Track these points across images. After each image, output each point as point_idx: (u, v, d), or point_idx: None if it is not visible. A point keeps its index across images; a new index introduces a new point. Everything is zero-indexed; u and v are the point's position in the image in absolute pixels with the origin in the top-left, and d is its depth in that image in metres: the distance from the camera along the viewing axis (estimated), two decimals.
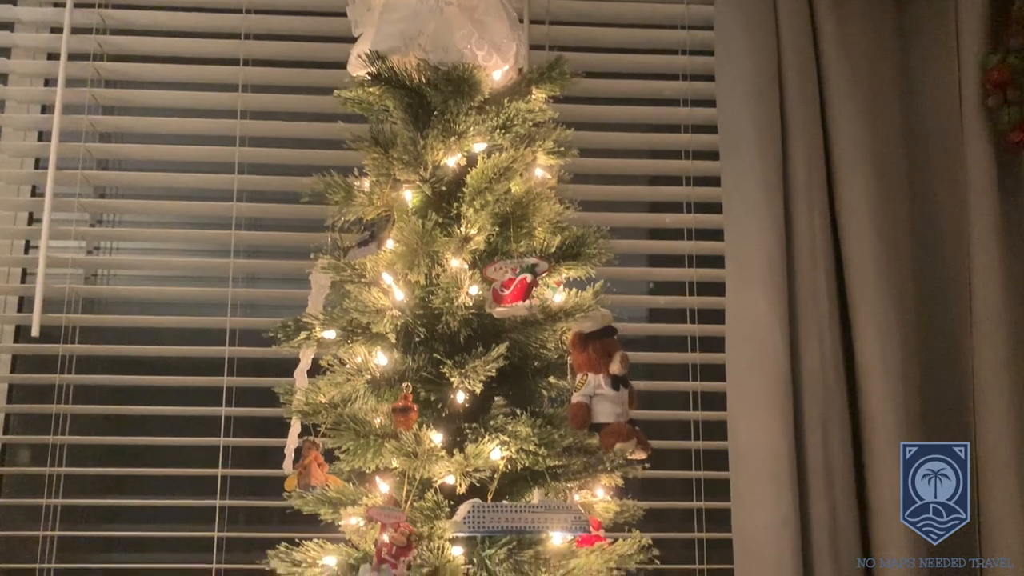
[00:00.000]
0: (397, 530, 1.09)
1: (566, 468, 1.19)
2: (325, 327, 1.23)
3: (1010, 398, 1.72)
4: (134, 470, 1.89)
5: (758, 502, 1.71)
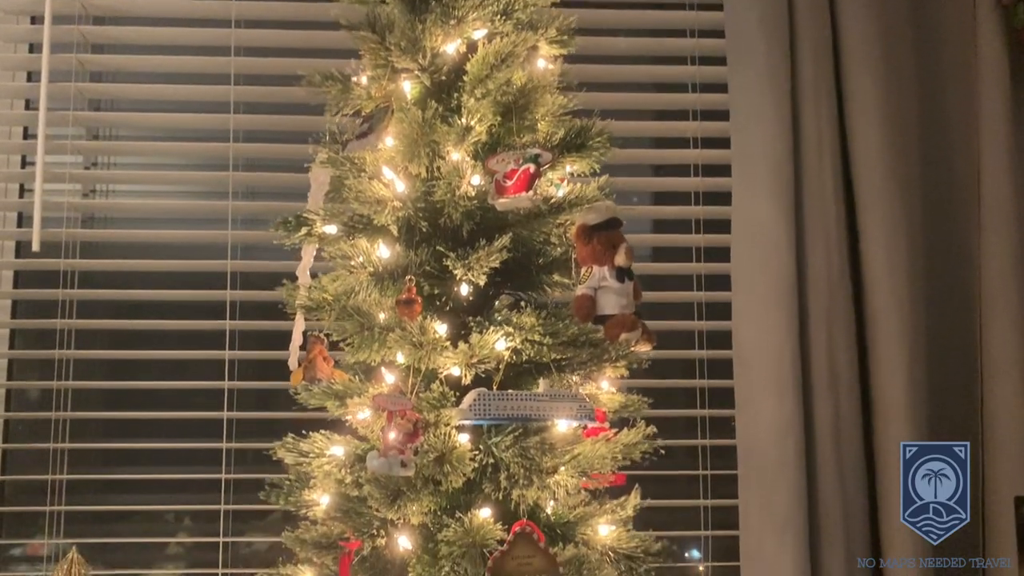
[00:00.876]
0: (404, 417, 1.09)
1: (571, 360, 1.18)
2: (326, 222, 1.21)
3: (1018, 296, 1.72)
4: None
5: (762, 405, 1.72)
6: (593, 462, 1.14)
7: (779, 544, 1.68)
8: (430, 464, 1.08)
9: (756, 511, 1.72)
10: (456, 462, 1.09)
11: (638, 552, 1.15)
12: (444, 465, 1.08)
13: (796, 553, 1.68)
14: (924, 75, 1.84)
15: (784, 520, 1.68)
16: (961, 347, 1.80)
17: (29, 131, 1.97)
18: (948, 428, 1.76)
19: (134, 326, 1.93)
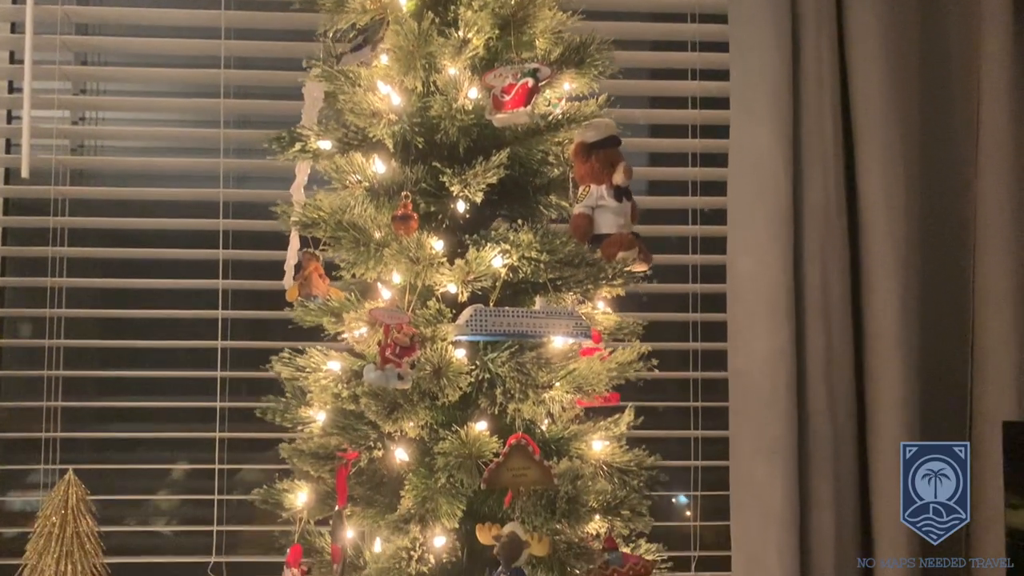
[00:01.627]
0: (400, 331, 1.09)
1: (567, 279, 1.18)
2: (320, 137, 1.20)
3: (1012, 228, 1.72)
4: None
5: (755, 335, 1.73)
6: (588, 378, 1.15)
7: (769, 471, 1.71)
8: (427, 377, 1.08)
9: (747, 439, 1.74)
10: (452, 376, 1.09)
11: (631, 465, 1.17)
12: (440, 379, 1.09)
13: (786, 479, 1.70)
14: (925, 7, 1.81)
15: (774, 447, 1.71)
16: (954, 279, 1.81)
17: (16, 56, 1.93)
18: (938, 359, 1.79)
19: (127, 254, 1.92)
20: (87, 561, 1.58)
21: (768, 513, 1.70)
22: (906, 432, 1.70)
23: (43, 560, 1.56)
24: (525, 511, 1.09)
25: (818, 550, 1.72)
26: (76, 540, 1.57)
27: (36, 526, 1.58)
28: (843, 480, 1.74)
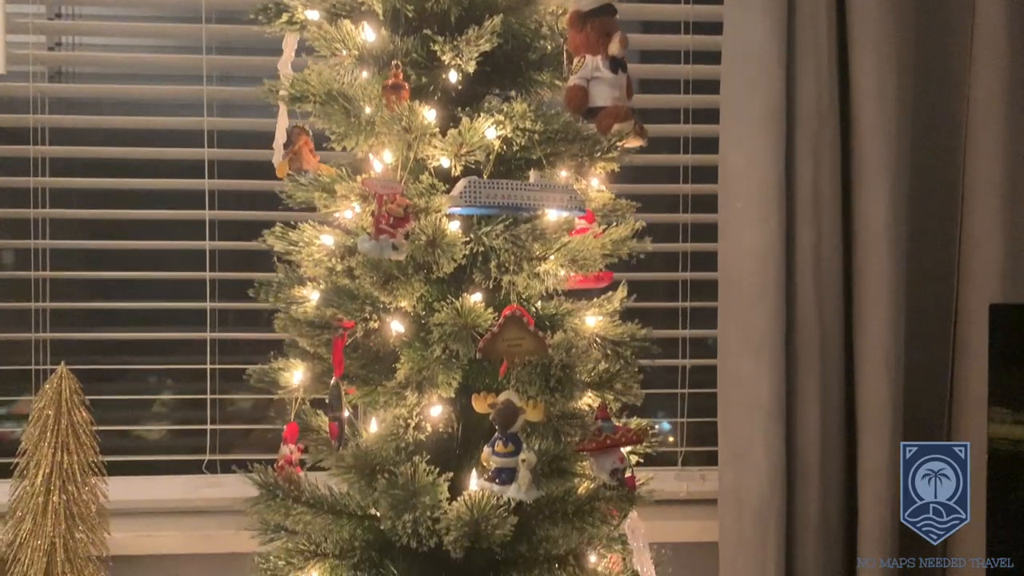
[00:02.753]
0: (394, 201, 1.08)
1: (561, 154, 1.17)
2: (308, 7, 1.16)
3: (1004, 126, 1.72)
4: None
5: (744, 229, 1.73)
6: (583, 252, 1.15)
7: (756, 367, 1.74)
8: (421, 248, 1.08)
9: (734, 336, 1.76)
10: (447, 246, 1.09)
11: (624, 337, 1.18)
12: (435, 249, 1.08)
13: (773, 376, 1.73)
14: None
15: (761, 343, 1.73)
16: (944, 179, 1.81)
17: None
18: (927, 252, 1.80)
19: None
20: (83, 453, 1.59)
21: (754, 407, 1.73)
22: (892, 327, 1.74)
23: (39, 451, 1.57)
24: (520, 380, 1.10)
25: (804, 444, 1.76)
26: (71, 432, 1.58)
27: (31, 418, 1.59)
28: (829, 376, 1.77)
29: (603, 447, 1.16)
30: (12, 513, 1.57)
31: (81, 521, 1.59)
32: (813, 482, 1.74)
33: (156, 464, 1.92)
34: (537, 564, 1.15)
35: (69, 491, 1.56)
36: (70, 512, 1.57)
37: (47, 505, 1.55)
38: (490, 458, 1.13)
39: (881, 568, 1.70)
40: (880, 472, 1.72)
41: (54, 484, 1.56)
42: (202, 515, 1.88)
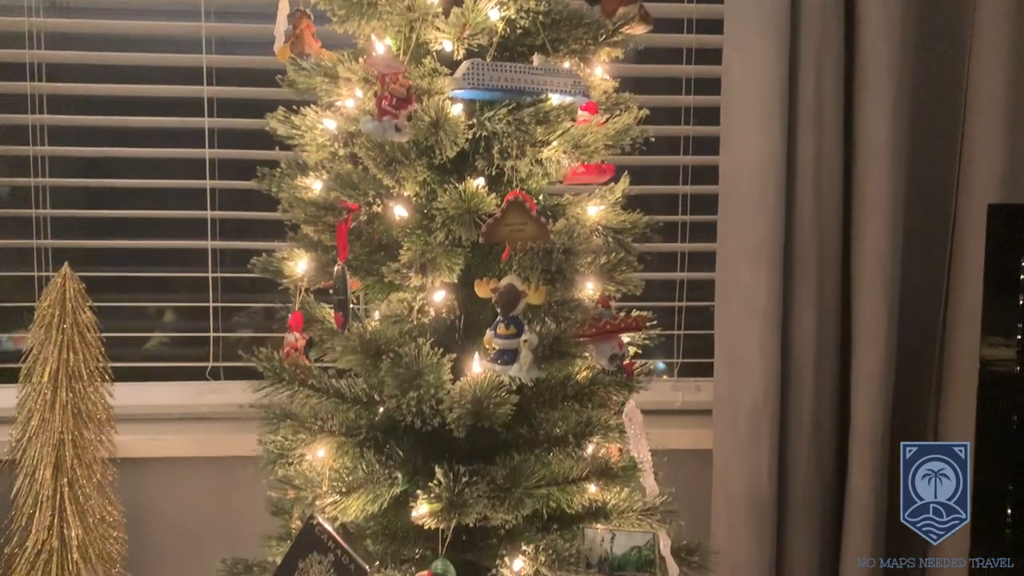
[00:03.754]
0: (396, 82, 1.08)
1: (565, 39, 1.16)
2: None
3: (1007, 35, 1.70)
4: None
5: (746, 137, 1.73)
6: (586, 138, 1.15)
7: (754, 272, 1.75)
8: (424, 130, 1.08)
9: (734, 242, 1.77)
10: (450, 129, 1.09)
11: (626, 224, 1.19)
12: (438, 132, 1.08)
13: (771, 282, 1.75)
14: None
15: (760, 250, 1.74)
16: (947, 87, 1.80)
17: None
18: (928, 162, 1.81)
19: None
20: (89, 353, 1.61)
21: (752, 312, 1.75)
22: (890, 236, 1.75)
23: (45, 349, 1.58)
24: (522, 265, 1.11)
25: (799, 350, 1.79)
26: (76, 331, 1.59)
27: (35, 319, 1.60)
28: (826, 283, 1.78)
29: (603, 333, 1.17)
30: (20, 410, 1.60)
31: (88, 420, 1.62)
32: (807, 387, 1.78)
33: (160, 373, 1.95)
34: (537, 445, 1.18)
35: (76, 389, 1.59)
36: (77, 410, 1.60)
37: (54, 403, 1.58)
38: (492, 340, 1.15)
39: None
40: (874, 377, 1.75)
41: (60, 382, 1.58)
42: (206, 421, 1.91)
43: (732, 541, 1.77)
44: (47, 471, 1.57)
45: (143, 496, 1.83)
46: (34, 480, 1.57)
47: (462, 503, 1.09)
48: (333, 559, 1.14)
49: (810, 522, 1.80)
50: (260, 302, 1.97)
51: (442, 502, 1.09)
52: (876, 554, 1.79)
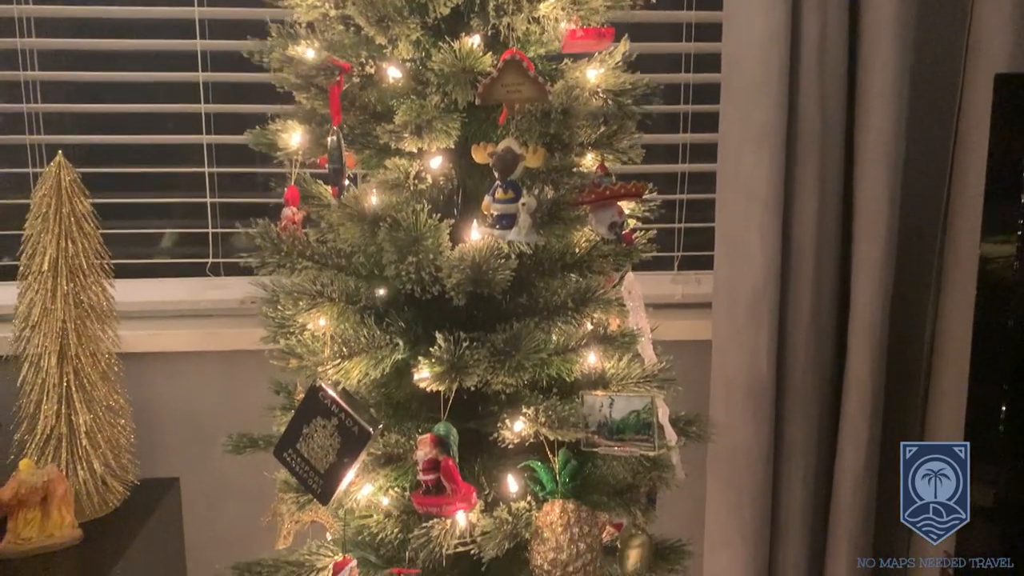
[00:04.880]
0: None
1: None
2: None
3: None
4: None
5: (749, 17, 1.69)
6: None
7: (756, 159, 1.73)
8: None
9: (736, 127, 1.74)
10: None
11: (626, 86, 1.16)
12: None
13: (772, 167, 1.73)
14: None
15: (762, 134, 1.72)
16: None
17: None
18: (933, 44, 1.77)
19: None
20: (88, 243, 1.60)
21: (753, 196, 1.74)
22: (894, 120, 1.72)
23: (43, 239, 1.58)
24: (520, 128, 1.10)
25: (800, 237, 1.78)
26: (74, 220, 1.58)
27: (31, 210, 1.59)
28: (828, 169, 1.77)
29: (602, 199, 1.16)
30: (21, 300, 1.60)
31: (90, 310, 1.62)
32: (807, 275, 1.78)
33: (161, 272, 1.95)
34: (537, 313, 1.18)
35: (77, 279, 1.59)
36: (79, 300, 1.60)
37: (56, 292, 1.58)
38: (491, 206, 1.14)
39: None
40: (875, 265, 1.75)
41: (60, 271, 1.58)
42: (208, 318, 1.92)
43: (730, 426, 1.80)
44: (52, 359, 1.58)
45: (148, 390, 1.86)
46: (39, 369, 1.58)
47: (463, 365, 1.10)
48: (337, 423, 1.15)
49: (808, 409, 1.82)
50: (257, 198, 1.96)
51: (443, 365, 1.10)
52: (872, 446, 1.82)
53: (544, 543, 1.14)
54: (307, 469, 1.17)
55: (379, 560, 1.27)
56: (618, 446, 1.20)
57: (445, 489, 1.14)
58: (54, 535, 1.50)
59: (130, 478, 1.69)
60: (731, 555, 1.81)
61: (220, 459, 1.90)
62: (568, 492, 1.18)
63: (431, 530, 1.12)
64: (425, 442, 1.14)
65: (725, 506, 1.81)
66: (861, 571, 1.84)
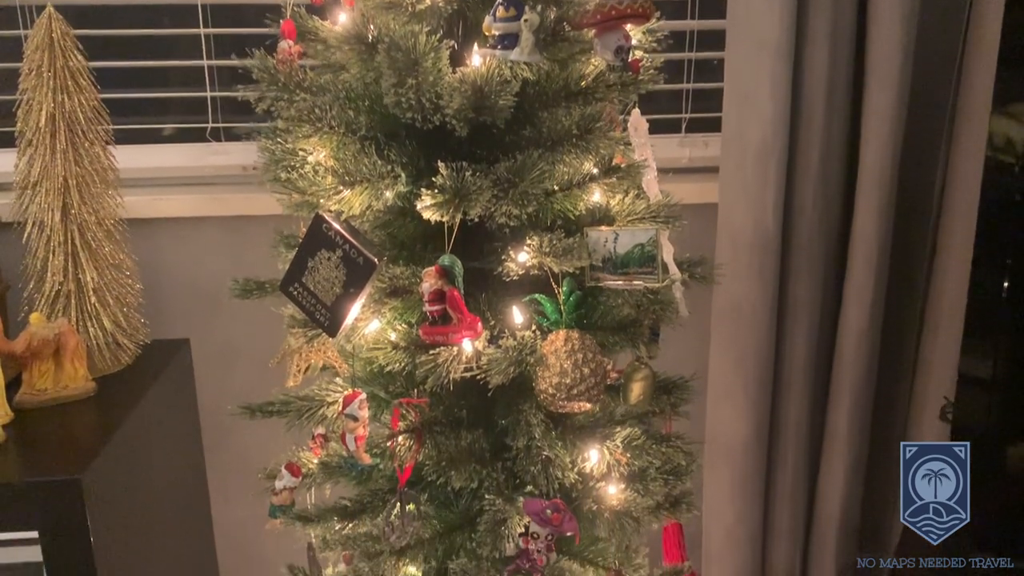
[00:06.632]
0: None
1: None
2: None
3: None
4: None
5: None
6: None
7: (768, 6, 1.67)
8: None
9: None
10: None
11: None
12: None
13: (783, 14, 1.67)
14: None
15: None
16: None
17: None
18: None
19: None
20: (84, 97, 1.58)
21: (763, 47, 1.69)
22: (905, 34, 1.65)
23: (38, 95, 1.55)
24: None
25: (811, 87, 1.74)
26: (68, 74, 1.55)
27: (23, 67, 1.56)
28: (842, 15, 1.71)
29: (608, 19, 1.12)
30: (21, 159, 1.59)
31: (91, 170, 1.60)
32: (817, 127, 1.74)
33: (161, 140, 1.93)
34: (541, 144, 1.16)
35: (75, 132, 1.57)
36: (79, 156, 1.58)
37: (55, 148, 1.56)
38: (492, 26, 1.10)
39: None
40: (886, 116, 1.72)
41: (59, 127, 1.56)
42: (211, 185, 1.91)
43: (735, 281, 1.80)
44: (55, 216, 1.58)
45: (154, 256, 1.87)
46: (43, 227, 1.59)
47: (466, 192, 1.09)
48: (342, 254, 1.15)
49: (813, 266, 1.82)
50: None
51: (447, 193, 1.09)
52: (876, 303, 1.82)
53: (549, 369, 1.15)
54: (314, 302, 1.18)
55: (388, 396, 1.30)
56: (623, 279, 1.20)
57: (451, 319, 1.15)
58: (68, 387, 1.54)
59: (140, 338, 1.71)
60: (733, 408, 1.84)
61: (228, 324, 1.93)
62: (572, 322, 1.19)
63: (438, 356, 1.13)
64: (430, 273, 1.14)
65: (728, 361, 1.83)
66: (861, 425, 1.88)
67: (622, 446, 1.26)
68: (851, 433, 1.86)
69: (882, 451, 1.95)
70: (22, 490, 1.28)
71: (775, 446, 1.90)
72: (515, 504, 1.22)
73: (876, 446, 1.94)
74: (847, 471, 1.87)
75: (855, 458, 1.88)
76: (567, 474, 1.20)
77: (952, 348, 1.74)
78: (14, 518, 1.30)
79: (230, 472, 2.00)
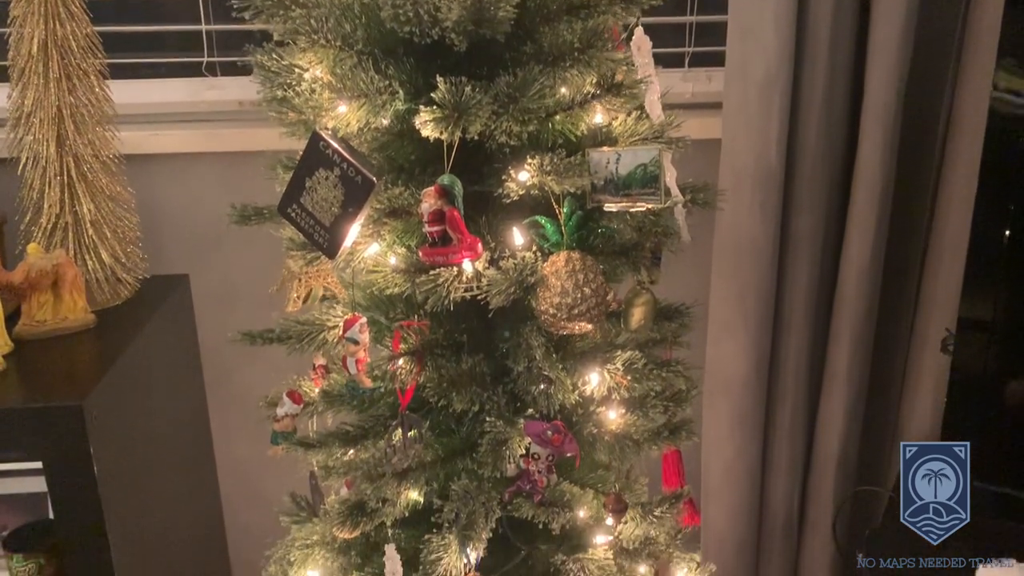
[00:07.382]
0: None
1: None
2: None
3: None
4: None
5: None
6: None
7: None
8: None
9: None
10: None
11: None
12: None
13: None
14: None
15: None
16: None
17: None
18: None
19: None
20: (76, 25, 1.55)
21: None
22: None
23: (29, 22, 1.52)
24: None
25: (815, 19, 1.70)
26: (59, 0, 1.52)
27: None
28: None
29: None
30: (14, 89, 1.56)
31: (86, 100, 1.58)
32: (821, 59, 1.71)
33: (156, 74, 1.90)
34: (542, 60, 1.14)
35: (69, 60, 1.54)
36: (72, 86, 1.56)
37: (47, 77, 1.54)
38: None
39: None
40: (890, 48, 1.69)
41: (51, 55, 1.53)
42: (207, 121, 1.89)
43: (737, 216, 1.79)
44: (50, 147, 1.56)
45: (150, 192, 1.85)
46: (39, 157, 1.57)
47: (466, 107, 1.07)
48: (340, 173, 1.14)
49: (816, 198, 1.80)
50: None
51: (445, 108, 1.07)
52: (878, 240, 1.81)
53: (550, 289, 1.15)
54: (312, 223, 1.17)
55: (388, 321, 1.29)
56: (625, 200, 1.19)
57: (451, 240, 1.14)
58: (68, 318, 1.53)
59: (139, 272, 1.71)
60: (734, 344, 1.84)
61: (227, 261, 1.93)
62: (573, 243, 1.18)
63: (438, 276, 1.13)
64: (429, 194, 1.13)
65: (730, 296, 1.83)
66: (861, 361, 1.88)
67: (622, 369, 1.26)
68: (851, 369, 1.86)
69: (881, 388, 1.96)
70: (24, 416, 1.28)
71: (775, 381, 1.90)
72: (516, 426, 1.23)
73: (876, 383, 1.94)
74: (846, 407, 1.88)
75: (855, 394, 1.89)
76: (568, 396, 1.20)
77: (954, 286, 1.73)
78: (17, 446, 1.30)
79: (232, 410, 2.01)
